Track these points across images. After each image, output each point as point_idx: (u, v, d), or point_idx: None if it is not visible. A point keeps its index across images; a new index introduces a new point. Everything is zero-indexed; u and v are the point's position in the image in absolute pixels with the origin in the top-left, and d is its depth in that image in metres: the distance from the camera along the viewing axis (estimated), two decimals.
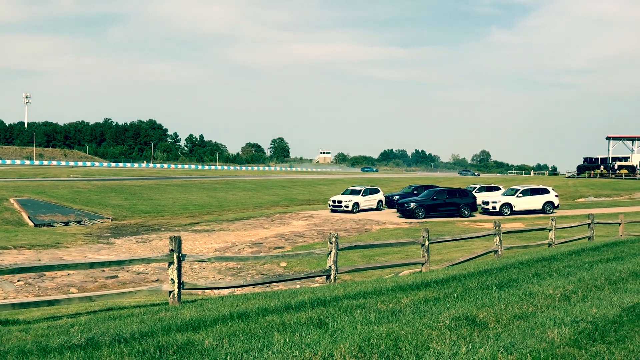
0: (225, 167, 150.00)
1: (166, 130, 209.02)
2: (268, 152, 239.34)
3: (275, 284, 16.05)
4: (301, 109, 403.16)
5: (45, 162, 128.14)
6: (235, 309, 7.93)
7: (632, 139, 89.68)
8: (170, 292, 9.52)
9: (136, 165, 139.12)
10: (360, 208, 41.26)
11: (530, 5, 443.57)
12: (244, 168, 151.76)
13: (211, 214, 45.71)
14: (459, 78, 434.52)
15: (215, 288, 12.26)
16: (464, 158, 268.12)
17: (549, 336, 5.58)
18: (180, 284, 9.55)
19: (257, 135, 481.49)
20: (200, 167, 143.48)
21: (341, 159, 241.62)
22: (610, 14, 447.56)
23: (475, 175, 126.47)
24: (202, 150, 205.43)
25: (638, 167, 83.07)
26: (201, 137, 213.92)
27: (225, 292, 15.23)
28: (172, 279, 9.47)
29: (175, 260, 9.42)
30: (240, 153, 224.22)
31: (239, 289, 14.48)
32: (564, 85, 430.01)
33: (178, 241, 9.49)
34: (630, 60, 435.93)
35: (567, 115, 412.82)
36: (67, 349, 5.65)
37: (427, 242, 13.99)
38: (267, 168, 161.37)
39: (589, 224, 19.89)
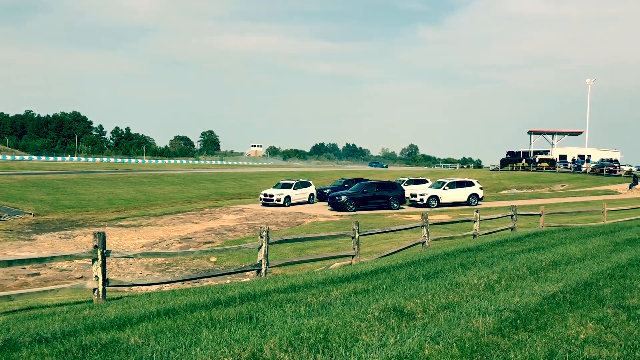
0: (153, 161, 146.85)
1: (91, 122, 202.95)
2: (197, 145, 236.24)
3: (204, 279, 15.83)
4: (232, 102, 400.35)
5: None
6: (162, 306, 7.76)
7: (552, 133, 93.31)
8: (94, 289, 9.23)
9: (59, 158, 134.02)
10: (292, 201, 41.27)
11: (456, 3, 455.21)
12: (172, 161, 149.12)
13: (138, 209, 44.66)
14: (388, 73, 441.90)
15: (142, 284, 11.97)
16: (394, 152, 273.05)
17: (474, 325, 5.72)
18: (105, 281, 9.27)
19: (186, 128, 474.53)
20: (126, 160, 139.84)
21: (273, 152, 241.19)
22: (531, 12, 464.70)
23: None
24: (129, 143, 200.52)
25: (558, 161, 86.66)
26: (127, 129, 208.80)
27: (153, 288, 14.91)
28: (96, 276, 9.18)
29: (100, 257, 9.14)
30: (168, 146, 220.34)
31: (167, 285, 14.18)
32: (488, 81, 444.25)
33: (102, 237, 9.20)
34: (550, 57, 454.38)
35: (491, 110, 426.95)
36: None
37: (357, 235, 14.11)
38: (196, 161, 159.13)
39: (512, 216, 20.58)
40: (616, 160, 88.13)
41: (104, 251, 9.21)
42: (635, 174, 61.57)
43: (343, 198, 37.00)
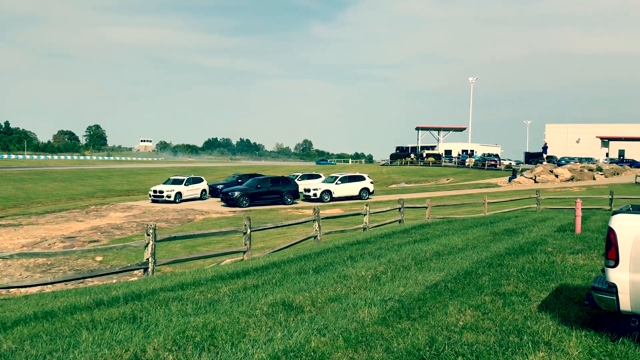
0: (35, 157, 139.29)
1: None
2: (83, 141, 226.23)
3: (89, 279, 15.18)
4: (120, 96, 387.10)
5: None
6: (40, 309, 7.37)
7: (438, 129, 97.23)
8: None
9: None
10: (183, 198, 40.43)
11: (348, 0, 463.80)
12: (56, 157, 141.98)
13: (18, 207, 42.11)
14: (282, 69, 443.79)
15: (19, 287, 11.29)
16: (288, 147, 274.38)
17: (360, 316, 5.83)
18: None
19: (71, 122, 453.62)
20: (5, 156, 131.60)
21: (163, 147, 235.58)
22: (418, 12, 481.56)
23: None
24: (8, 138, 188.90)
25: (443, 155, 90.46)
26: (7, 124, 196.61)
27: (34, 290, 14.12)
28: None
29: None
30: (51, 141, 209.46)
31: (49, 286, 13.47)
32: (379, 78, 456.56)
33: None
34: (436, 55, 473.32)
35: (382, 107, 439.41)
36: None
37: (249, 230, 14.03)
38: (82, 157, 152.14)
39: (400, 209, 21.23)
40: (497, 155, 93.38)
41: None
42: (514, 168, 65.42)
43: (236, 193, 36.71)
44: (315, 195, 39.29)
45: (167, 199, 39.65)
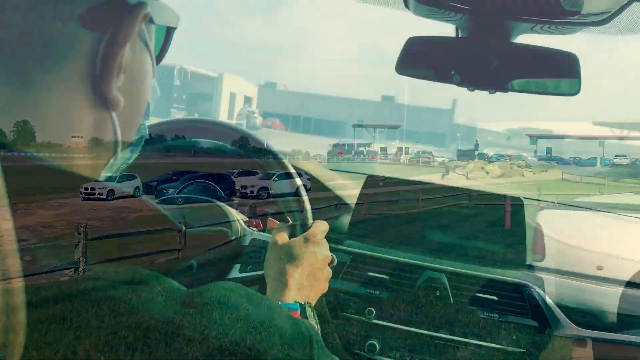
0: None
1: None
2: (11, 136, 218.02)
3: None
4: None
5: None
6: None
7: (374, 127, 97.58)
8: None
9: None
10: (116, 195, 39.02)
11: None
12: None
13: None
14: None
15: None
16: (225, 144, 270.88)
17: None
18: None
19: None
20: None
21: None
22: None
23: None
24: None
25: (379, 152, 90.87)
26: None
27: None
28: None
29: None
30: None
31: None
32: None
33: None
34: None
35: None
36: None
37: (183, 228, 13.76)
38: (10, 154, 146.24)
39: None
40: (430, 152, 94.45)
41: None
42: (447, 165, 66.29)
43: (171, 191, 36.06)
44: (252, 192, 38.88)
45: (99, 196, 38.48)
